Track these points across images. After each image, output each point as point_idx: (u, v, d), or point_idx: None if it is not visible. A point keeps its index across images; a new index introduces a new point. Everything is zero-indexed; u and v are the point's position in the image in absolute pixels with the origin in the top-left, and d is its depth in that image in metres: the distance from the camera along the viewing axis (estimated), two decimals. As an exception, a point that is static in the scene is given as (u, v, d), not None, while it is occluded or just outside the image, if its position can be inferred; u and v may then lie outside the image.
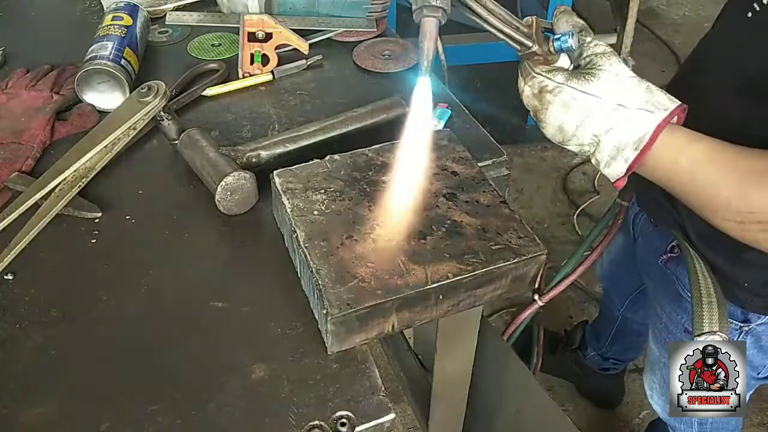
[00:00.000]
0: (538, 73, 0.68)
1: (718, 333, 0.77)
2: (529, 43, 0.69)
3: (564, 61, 0.71)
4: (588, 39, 0.69)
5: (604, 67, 0.66)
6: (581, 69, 0.68)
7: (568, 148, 0.71)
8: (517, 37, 0.69)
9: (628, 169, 0.66)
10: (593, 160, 0.70)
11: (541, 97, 0.68)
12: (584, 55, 0.68)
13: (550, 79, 0.67)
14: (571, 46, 0.68)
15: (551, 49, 0.69)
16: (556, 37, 0.69)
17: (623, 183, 0.69)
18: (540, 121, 0.70)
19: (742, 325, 0.90)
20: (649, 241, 1.04)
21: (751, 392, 1.08)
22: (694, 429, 1.24)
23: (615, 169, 0.67)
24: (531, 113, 0.72)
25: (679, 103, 0.66)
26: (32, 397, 0.66)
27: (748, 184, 0.63)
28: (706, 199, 0.66)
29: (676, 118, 0.66)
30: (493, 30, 0.69)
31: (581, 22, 0.71)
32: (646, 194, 1.00)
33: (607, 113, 0.64)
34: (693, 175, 0.66)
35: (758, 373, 1.04)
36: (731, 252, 0.80)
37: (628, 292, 1.42)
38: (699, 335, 0.77)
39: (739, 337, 0.91)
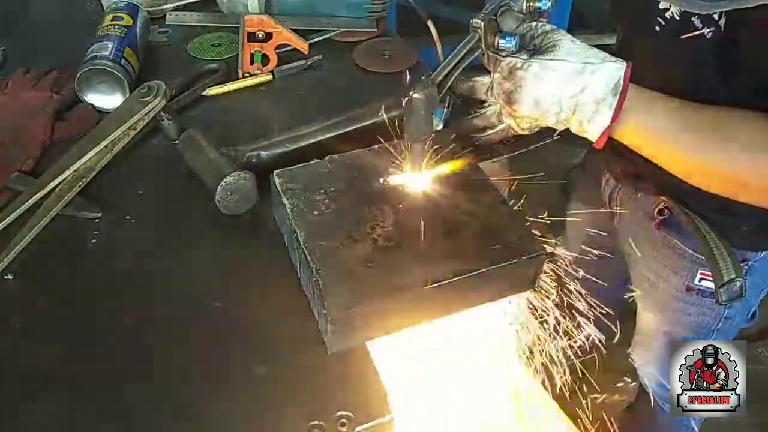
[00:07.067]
0: (505, 56, 0.73)
1: (737, 279, 0.84)
2: (479, 51, 0.76)
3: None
4: (533, 24, 0.74)
5: (559, 37, 0.72)
6: (540, 47, 0.73)
7: (547, 122, 0.74)
8: (471, 57, 0.76)
9: (613, 117, 0.70)
10: (573, 123, 0.73)
11: (512, 77, 0.72)
12: (536, 36, 0.73)
13: (518, 57, 0.72)
14: (513, 46, 0.73)
15: (497, 44, 0.74)
16: (502, 35, 0.74)
17: (605, 140, 0.73)
18: (513, 104, 0.73)
19: (742, 265, 0.95)
20: (636, 209, 1.07)
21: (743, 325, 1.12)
22: None
23: (599, 122, 0.71)
24: (503, 102, 0.74)
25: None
26: (33, 397, 0.66)
27: (707, 148, 0.71)
28: (669, 158, 0.74)
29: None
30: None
31: (521, 15, 0.76)
32: (624, 171, 1.05)
33: (579, 71, 0.70)
34: (659, 136, 0.72)
35: (748, 313, 1.08)
36: (723, 205, 0.83)
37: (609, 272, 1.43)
38: (721, 286, 0.84)
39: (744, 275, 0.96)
